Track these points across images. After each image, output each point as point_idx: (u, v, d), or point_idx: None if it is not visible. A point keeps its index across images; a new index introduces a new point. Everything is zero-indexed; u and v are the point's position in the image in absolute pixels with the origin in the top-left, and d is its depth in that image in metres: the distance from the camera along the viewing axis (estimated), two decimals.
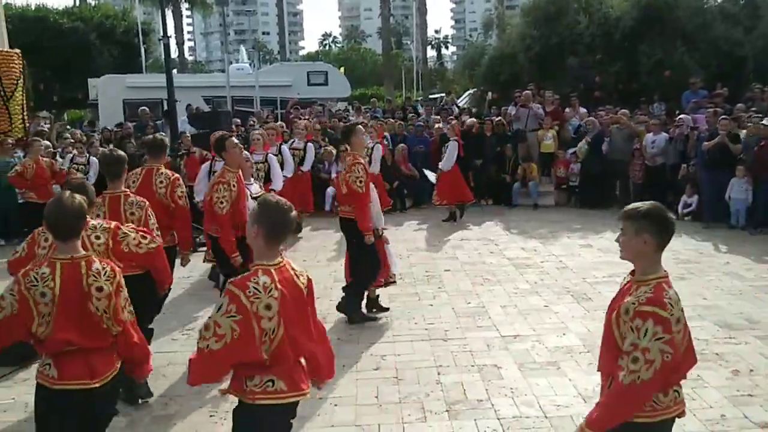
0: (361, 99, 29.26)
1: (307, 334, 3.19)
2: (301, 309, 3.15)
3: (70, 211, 3.38)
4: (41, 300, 3.28)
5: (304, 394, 3.17)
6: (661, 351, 2.70)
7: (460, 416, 4.82)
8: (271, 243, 3.10)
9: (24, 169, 10.41)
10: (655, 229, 2.84)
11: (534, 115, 14.18)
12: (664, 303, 2.75)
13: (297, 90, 22.66)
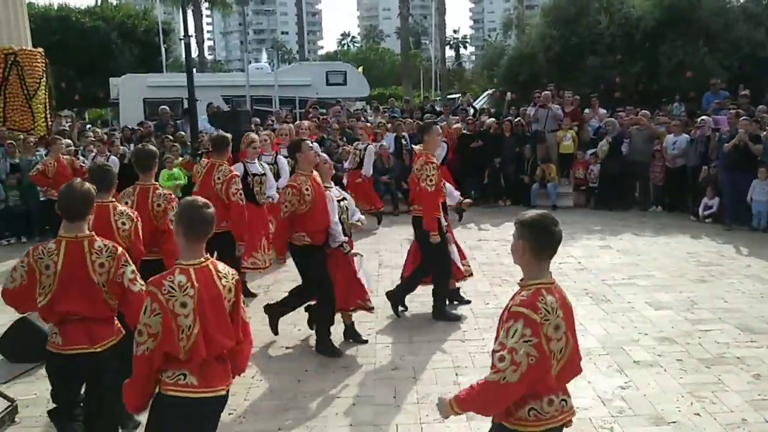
0: (380, 99, 29.33)
1: (225, 333, 3.28)
2: (218, 308, 3.24)
3: (79, 195, 3.80)
4: (45, 272, 3.71)
5: (218, 393, 3.27)
6: (527, 354, 2.71)
7: (478, 417, 4.80)
8: (191, 241, 3.23)
9: (45, 168, 10.51)
10: (533, 237, 2.88)
11: (553, 115, 14.12)
12: (536, 307, 2.76)
13: (316, 90, 22.72)
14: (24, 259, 3.79)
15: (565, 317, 2.85)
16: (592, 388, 5.21)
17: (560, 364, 2.83)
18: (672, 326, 6.54)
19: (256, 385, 5.49)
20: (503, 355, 2.75)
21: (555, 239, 2.92)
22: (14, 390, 5.48)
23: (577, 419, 4.66)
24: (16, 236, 11.91)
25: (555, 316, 2.79)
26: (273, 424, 4.83)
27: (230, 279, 3.33)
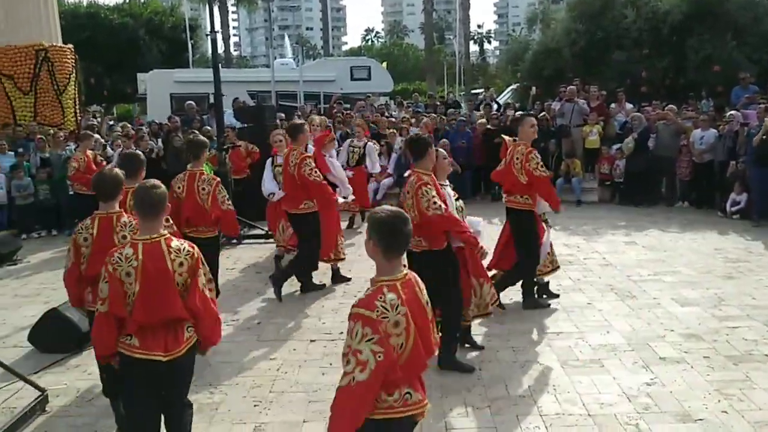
0: (404, 94, 29.30)
1: (167, 304, 3.64)
2: (162, 280, 3.61)
3: (109, 179, 4.40)
4: (84, 244, 4.47)
5: (153, 357, 3.63)
6: (373, 351, 2.75)
7: (502, 412, 4.82)
8: (142, 218, 3.73)
9: (78, 163, 10.69)
10: (379, 235, 2.89)
11: (579, 110, 14.01)
12: (373, 305, 2.80)
13: (340, 85, 22.78)
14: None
15: (412, 313, 2.88)
16: (618, 384, 5.19)
17: (402, 359, 2.86)
18: (699, 323, 6.47)
19: (281, 377, 5.54)
20: (349, 358, 2.80)
21: (403, 239, 2.92)
22: (45, 380, 5.59)
23: (602, 415, 4.68)
24: (46, 229, 12.13)
25: (395, 313, 2.82)
26: (297, 415, 4.88)
27: (183, 255, 3.70)
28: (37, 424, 4.93)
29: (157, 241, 3.65)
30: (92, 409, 5.12)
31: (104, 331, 3.68)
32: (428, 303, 3.05)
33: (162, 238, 3.67)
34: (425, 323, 2.99)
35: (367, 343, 2.76)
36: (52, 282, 8.97)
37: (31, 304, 7.89)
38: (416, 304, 2.95)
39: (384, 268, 2.93)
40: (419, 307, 2.97)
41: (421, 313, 2.96)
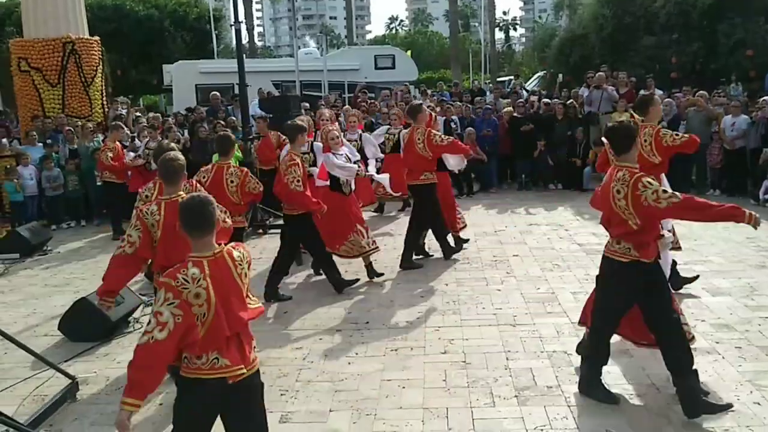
0: (428, 82, 29.14)
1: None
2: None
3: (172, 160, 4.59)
4: (152, 229, 4.58)
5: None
6: (173, 314, 3.08)
7: (529, 402, 4.78)
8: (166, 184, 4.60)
9: (113, 154, 10.80)
10: (182, 219, 3.27)
11: (608, 97, 13.81)
12: (175, 276, 3.13)
13: (364, 74, 22.73)
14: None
15: (214, 288, 3.16)
16: (646, 375, 5.11)
17: (204, 327, 3.16)
18: (730, 313, 6.36)
19: (307, 367, 5.55)
20: (150, 319, 3.13)
21: (201, 220, 3.23)
22: (75, 368, 5.67)
23: (632, 406, 4.61)
24: (75, 220, 12.29)
25: (195, 285, 3.12)
26: (323, 404, 4.88)
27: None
28: (67, 411, 4.99)
29: (176, 200, 4.44)
30: None
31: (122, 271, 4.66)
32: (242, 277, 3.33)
33: (180, 198, 4.38)
34: (232, 298, 3.24)
35: (168, 306, 3.08)
36: (81, 272, 9.10)
37: (61, 294, 8.00)
38: (224, 280, 3.22)
39: (195, 246, 3.24)
40: (228, 283, 3.23)
41: (228, 289, 3.23)
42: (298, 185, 6.85)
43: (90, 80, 14.28)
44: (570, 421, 4.48)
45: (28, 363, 5.69)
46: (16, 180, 11.73)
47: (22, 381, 5.34)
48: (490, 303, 6.89)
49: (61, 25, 13.99)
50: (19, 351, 5.26)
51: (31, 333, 6.74)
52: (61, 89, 13.94)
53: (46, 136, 12.87)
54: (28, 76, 13.89)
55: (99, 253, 10.08)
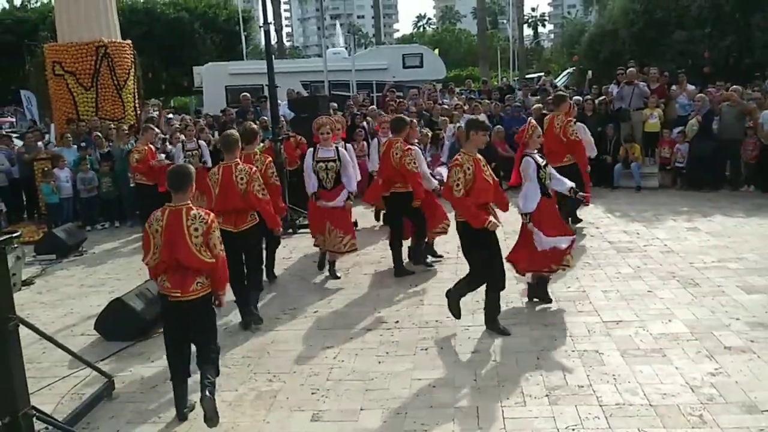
0: (456, 80, 29.05)
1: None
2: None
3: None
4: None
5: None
6: (144, 239, 4.85)
7: (560, 402, 4.76)
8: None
9: (139, 155, 10.91)
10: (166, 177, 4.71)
11: (639, 93, 13.64)
12: (150, 216, 4.73)
13: (392, 73, 22.74)
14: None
15: (166, 230, 4.62)
16: (680, 374, 5.05)
17: (156, 255, 4.69)
18: (766, 311, 6.25)
19: (338, 366, 5.59)
20: None
21: (175, 182, 4.66)
22: (111, 367, 5.78)
23: (665, 406, 4.58)
24: (109, 221, 12.50)
25: (155, 224, 4.67)
26: (354, 403, 4.92)
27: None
28: (103, 409, 5.10)
29: (229, 165, 5.85)
30: (156, 396, 5.27)
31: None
32: (189, 228, 4.62)
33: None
34: (176, 239, 4.59)
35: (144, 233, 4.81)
36: (116, 272, 9.25)
37: (96, 294, 8.15)
38: (174, 226, 4.62)
39: (172, 199, 4.67)
40: (176, 229, 4.61)
41: (175, 232, 4.61)
42: (265, 195, 6.48)
43: (123, 83, 14.51)
44: (602, 421, 4.45)
45: (65, 362, 5.82)
46: (52, 182, 11.97)
47: (60, 379, 5.47)
48: (520, 302, 6.87)
49: (94, 29, 14.24)
50: (57, 350, 5.38)
51: (68, 332, 6.88)
52: (95, 92, 14.19)
53: (80, 139, 13.10)
54: (62, 80, 14.16)
55: (133, 253, 10.24)
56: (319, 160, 7.82)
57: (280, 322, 6.73)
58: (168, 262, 4.67)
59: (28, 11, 34.90)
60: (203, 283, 4.72)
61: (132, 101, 14.87)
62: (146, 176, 11.00)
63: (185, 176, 4.70)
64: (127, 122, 14.20)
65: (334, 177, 7.83)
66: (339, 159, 7.87)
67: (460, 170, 5.94)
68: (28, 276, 9.07)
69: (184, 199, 4.67)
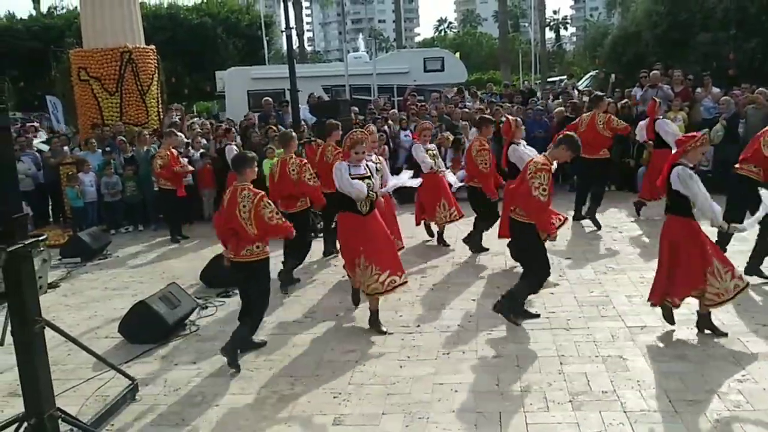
0: (478, 84, 28.96)
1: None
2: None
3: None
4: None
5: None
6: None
7: (584, 407, 4.71)
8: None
9: (162, 160, 11.04)
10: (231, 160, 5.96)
11: (663, 95, 13.47)
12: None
13: (414, 77, 22.72)
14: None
15: (227, 202, 5.73)
16: (706, 381, 4.98)
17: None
18: None
19: (360, 370, 5.59)
20: None
21: (237, 165, 5.81)
22: (134, 370, 5.83)
23: (690, 413, 4.51)
24: (133, 225, 12.61)
25: (226, 198, 5.74)
26: (376, 407, 4.91)
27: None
28: (127, 411, 5.14)
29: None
30: (179, 398, 5.30)
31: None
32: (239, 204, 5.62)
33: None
34: (230, 209, 5.65)
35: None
36: (140, 275, 9.34)
37: (120, 297, 8.23)
38: (232, 201, 5.66)
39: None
40: (232, 202, 5.64)
41: (232, 205, 5.65)
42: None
43: (146, 88, 14.66)
44: (627, 427, 4.40)
45: (90, 364, 5.87)
46: (77, 186, 12.11)
47: (84, 381, 5.52)
48: (542, 306, 6.81)
49: (119, 35, 14.40)
50: (81, 352, 5.43)
51: (92, 335, 6.95)
52: (119, 97, 14.34)
53: (104, 144, 13.25)
54: (87, 86, 14.34)
55: (156, 257, 10.33)
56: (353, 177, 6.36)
57: (302, 327, 6.74)
58: (224, 232, 5.81)
59: (54, 18, 35.40)
60: (252, 251, 5.72)
61: (156, 106, 15.01)
62: (170, 181, 11.12)
63: (244, 161, 5.75)
64: (150, 126, 14.33)
65: (370, 201, 6.44)
66: (372, 174, 6.57)
67: (547, 175, 5.98)
68: (53, 279, 9.18)
69: (242, 180, 5.71)
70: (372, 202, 6.42)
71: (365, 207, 6.35)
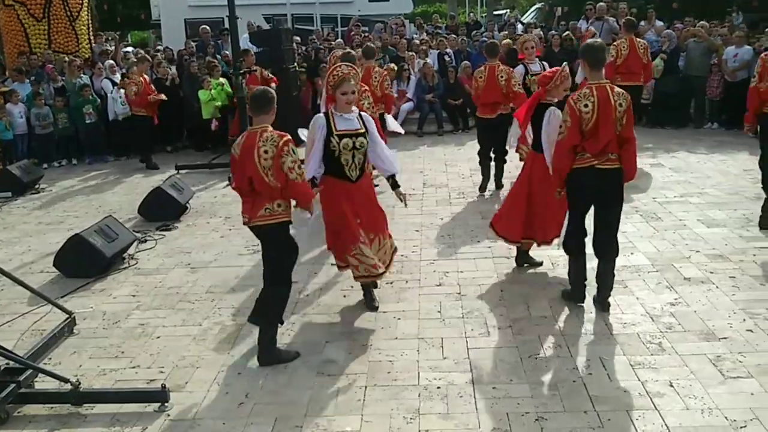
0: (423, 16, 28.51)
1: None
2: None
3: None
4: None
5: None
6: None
7: (523, 332, 4.81)
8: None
9: (137, 87, 10.90)
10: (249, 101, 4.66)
11: (609, 28, 13.52)
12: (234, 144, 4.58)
13: (358, 7, 22.23)
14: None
15: (241, 149, 4.39)
16: (641, 305, 5.14)
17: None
18: (725, 243, 6.36)
19: (303, 300, 5.57)
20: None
21: (255, 105, 4.45)
22: (71, 303, 5.68)
23: (625, 334, 4.66)
24: (66, 158, 12.15)
25: (236, 148, 4.44)
26: (320, 336, 4.91)
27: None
28: (65, 344, 5.02)
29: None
30: (119, 331, 5.20)
31: None
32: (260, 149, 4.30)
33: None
34: (247, 161, 4.34)
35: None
36: (74, 210, 9.04)
37: (55, 232, 7.97)
38: (250, 147, 4.33)
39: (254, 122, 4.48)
40: (249, 150, 4.33)
41: (248, 153, 4.32)
42: None
43: (76, 14, 13.92)
44: (563, 350, 4.52)
45: (24, 299, 5.71)
46: (5, 118, 11.53)
47: (20, 316, 5.34)
48: (484, 236, 6.88)
49: None
50: (16, 287, 5.27)
51: (26, 270, 6.73)
52: (47, 24, 13.60)
53: (32, 73, 12.61)
54: (12, 11, 13.53)
55: (92, 191, 10.01)
56: (342, 135, 4.94)
57: (244, 258, 6.67)
58: (241, 184, 4.47)
59: None
60: (272, 210, 4.39)
61: (86, 34, 14.29)
62: (144, 108, 10.92)
63: (266, 99, 4.43)
64: (81, 56, 13.67)
65: (361, 161, 5.08)
66: (367, 129, 5.07)
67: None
68: None
69: (264, 122, 4.40)
70: (362, 167, 5.10)
71: (354, 172, 5.07)
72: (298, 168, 4.35)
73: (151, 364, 4.65)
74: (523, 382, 4.13)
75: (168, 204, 8.20)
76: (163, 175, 9.97)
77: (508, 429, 3.66)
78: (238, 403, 4.08)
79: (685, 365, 4.22)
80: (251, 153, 4.33)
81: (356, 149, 4.95)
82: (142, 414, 4.02)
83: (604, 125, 4.68)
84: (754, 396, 3.85)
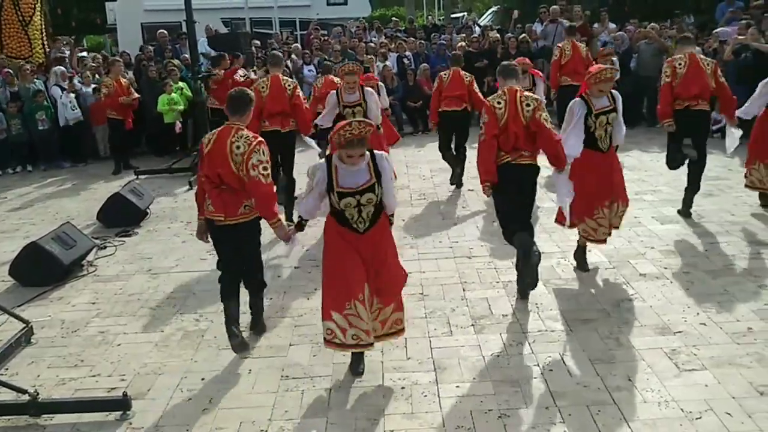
0: (382, 19, 28.60)
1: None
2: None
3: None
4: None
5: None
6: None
7: (485, 330, 4.88)
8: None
9: (108, 89, 10.91)
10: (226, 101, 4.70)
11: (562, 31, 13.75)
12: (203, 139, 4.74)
13: (316, 10, 22.18)
14: None
15: (212, 145, 4.49)
16: (598, 301, 5.26)
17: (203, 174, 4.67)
18: (679, 239, 6.54)
19: (266, 303, 5.54)
20: None
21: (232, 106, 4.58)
22: (28, 313, 5.58)
23: (584, 331, 4.75)
24: (21, 165, 11.89)
25: (207, 143, 4.56)
26: (284, 339, 4.91)
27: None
28: (23, 354, 4.92)
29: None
30: (78, 340, 5.12)
31: None
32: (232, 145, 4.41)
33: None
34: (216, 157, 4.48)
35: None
36: (30, 217, 8.87)
37: (10, 240, 7.81)
38: (220, 141, 4.47)
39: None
40: (221, 146, 4.45)
41: (219, 149, 4.45)
42: None
43: (28, 19, 13.60)
44: (525, 347, 4.60)
45: None
46: None
47: None
48: (446, 236, 6.96)
49: None
50: None
51: None
52: None
53: None
54: None
55: (48, 198, 9.82)
56: (343, 194, 4.08)
57: (206, 262, 6.62)
58: (210, 177, 4.54)
59: None
60: (251, 206, 4.56)
61: (40, 38, 13.97)
62: (117, 111, 10.86)
63: (244, 102, 4.61)
64: (35, 61, 13.39)
65: (371, 212, 4.17)
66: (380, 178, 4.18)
67: None
68: None
69: (239, 121, 4.56)
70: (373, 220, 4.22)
71: (363, 224, 4.18)
72: (262, 168, 4.38)
73: (111, 372, 4.59)
74: (486, 380, 4.19)
75: (127, 210, 8.10)
76: (122, 181, 9.83)
77: (471, 427, 3.72)
78: (202, 409, 4.06)
79: (642, 359, 4.33)
80: (223, 146, 4.45)
81: (362, 206, 4.10)
82: (103, 423, 3.98)
83: (513, 121, 5.12)
84: (708, 387, 3.97)
